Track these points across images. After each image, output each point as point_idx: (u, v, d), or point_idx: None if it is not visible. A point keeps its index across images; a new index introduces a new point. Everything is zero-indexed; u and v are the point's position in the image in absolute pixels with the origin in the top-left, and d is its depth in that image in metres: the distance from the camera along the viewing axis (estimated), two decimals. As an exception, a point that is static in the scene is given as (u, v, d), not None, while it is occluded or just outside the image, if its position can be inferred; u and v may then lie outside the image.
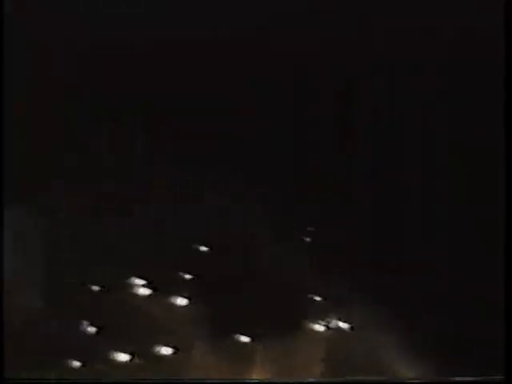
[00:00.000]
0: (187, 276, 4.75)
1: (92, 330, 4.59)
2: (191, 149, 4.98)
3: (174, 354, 4.59)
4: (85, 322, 4.57)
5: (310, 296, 4.73)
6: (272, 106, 5.04)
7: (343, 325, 4.70)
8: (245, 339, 4.62)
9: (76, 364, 4.53)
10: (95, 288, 4.68)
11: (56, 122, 5.01)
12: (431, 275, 4.76)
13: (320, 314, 4.70)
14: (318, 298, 4.74)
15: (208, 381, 4.59)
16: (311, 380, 4.62)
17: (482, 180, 4.90)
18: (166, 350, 4.58)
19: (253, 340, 4.61)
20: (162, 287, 4.71)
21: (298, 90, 5.08)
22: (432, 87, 5.10)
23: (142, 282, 4.71)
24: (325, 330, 4.69)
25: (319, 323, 4.68)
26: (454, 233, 4.86)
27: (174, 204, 4.87)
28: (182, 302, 4.70)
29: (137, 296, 4.70)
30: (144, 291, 4.71)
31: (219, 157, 4.97)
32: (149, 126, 5.00)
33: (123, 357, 4.55)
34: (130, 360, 4.54)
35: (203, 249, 4.82)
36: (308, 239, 4.87)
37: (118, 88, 5.05)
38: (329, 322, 4.68)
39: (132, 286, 4.72)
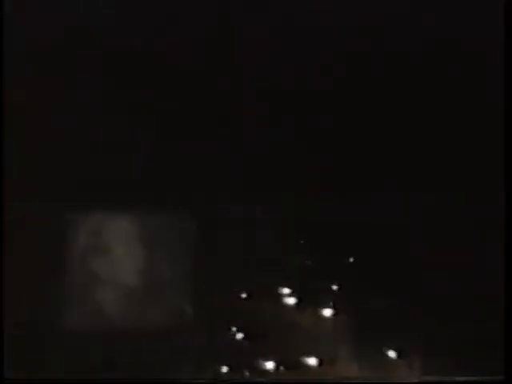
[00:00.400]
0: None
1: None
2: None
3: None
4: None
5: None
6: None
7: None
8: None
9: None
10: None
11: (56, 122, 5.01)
12: (431, 275, 4.76)
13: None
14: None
15: (212, 381, 4.61)
16: (311, 380, 4.62)
17: (482, 180, 4.90)
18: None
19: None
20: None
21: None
22: (432, 86, 5.10)
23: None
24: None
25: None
26: (454, 233, 4.86)
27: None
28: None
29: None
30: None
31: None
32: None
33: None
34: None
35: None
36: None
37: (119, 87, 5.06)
38: None
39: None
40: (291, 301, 4.71)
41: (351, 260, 4.78)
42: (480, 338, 4.59)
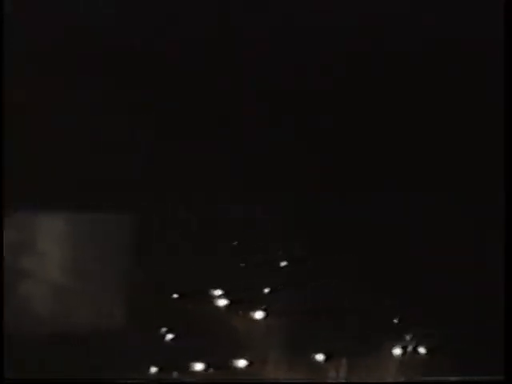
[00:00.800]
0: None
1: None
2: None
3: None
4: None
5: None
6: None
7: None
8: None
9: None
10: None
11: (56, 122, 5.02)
12: (430, 275, 4.76)
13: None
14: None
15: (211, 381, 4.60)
16: (314, 380, 4.62)
17: (482, 180, 4.90)
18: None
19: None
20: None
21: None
22: (432, 86, 5.10)
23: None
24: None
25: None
26: (454, 233, 4.86)
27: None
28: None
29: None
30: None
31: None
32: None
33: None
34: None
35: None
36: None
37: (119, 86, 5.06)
38: None
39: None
40: (223, 302, 4.69)
41: (283, 264, 4.78)
42: (480, 337, 4.58)
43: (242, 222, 4.84)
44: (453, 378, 4.55)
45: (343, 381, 4.59)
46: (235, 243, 4.79)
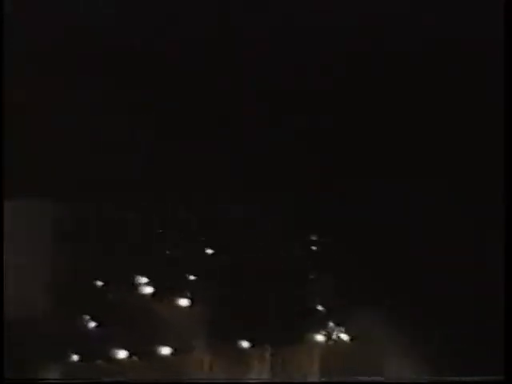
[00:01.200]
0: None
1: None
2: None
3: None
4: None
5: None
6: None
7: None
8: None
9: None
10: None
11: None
12: (430, 275, 4.76)
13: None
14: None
15: (207, 381, 4.59)
16: (311, 380, 4.62)
17: (482, 180, 4.90)
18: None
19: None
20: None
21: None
22: (432, 86, 5.10)
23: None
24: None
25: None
26: (454, 233, 4.86)
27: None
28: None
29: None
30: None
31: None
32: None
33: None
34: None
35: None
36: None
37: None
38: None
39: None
40: (147, 290, 4.68)
41: (210, 251, 4.78)
42: (480, 337, 4.59)
43: (242, 222, 4.84)
44: (453, 378, 4.55)
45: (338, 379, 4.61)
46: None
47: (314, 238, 4.85)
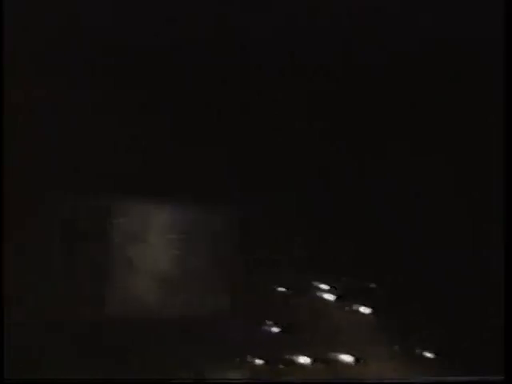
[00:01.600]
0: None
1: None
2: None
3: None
4: None
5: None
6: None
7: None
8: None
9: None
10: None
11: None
12: (430, 275, 4.76)
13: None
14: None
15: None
16: (311, 380, 4.63)
17: (482, 180, 4.91)
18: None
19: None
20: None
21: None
22: (432, 86, 5.11)
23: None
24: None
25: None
26: (454, 232, 4.86)
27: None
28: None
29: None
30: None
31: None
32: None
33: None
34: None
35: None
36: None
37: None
38: None
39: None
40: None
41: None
42: (480, 337, 4.59)
43: (242, 222, 4.85)
44: (453, 378, 4.55)
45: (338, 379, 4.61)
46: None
47: None
